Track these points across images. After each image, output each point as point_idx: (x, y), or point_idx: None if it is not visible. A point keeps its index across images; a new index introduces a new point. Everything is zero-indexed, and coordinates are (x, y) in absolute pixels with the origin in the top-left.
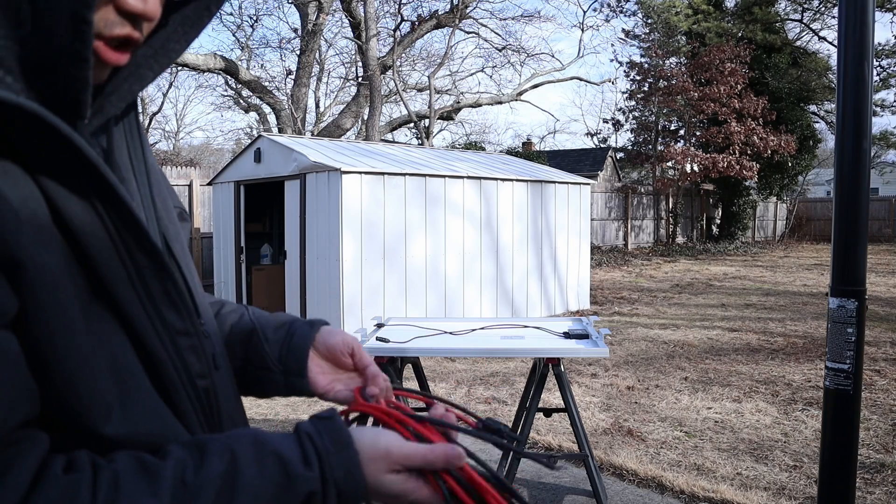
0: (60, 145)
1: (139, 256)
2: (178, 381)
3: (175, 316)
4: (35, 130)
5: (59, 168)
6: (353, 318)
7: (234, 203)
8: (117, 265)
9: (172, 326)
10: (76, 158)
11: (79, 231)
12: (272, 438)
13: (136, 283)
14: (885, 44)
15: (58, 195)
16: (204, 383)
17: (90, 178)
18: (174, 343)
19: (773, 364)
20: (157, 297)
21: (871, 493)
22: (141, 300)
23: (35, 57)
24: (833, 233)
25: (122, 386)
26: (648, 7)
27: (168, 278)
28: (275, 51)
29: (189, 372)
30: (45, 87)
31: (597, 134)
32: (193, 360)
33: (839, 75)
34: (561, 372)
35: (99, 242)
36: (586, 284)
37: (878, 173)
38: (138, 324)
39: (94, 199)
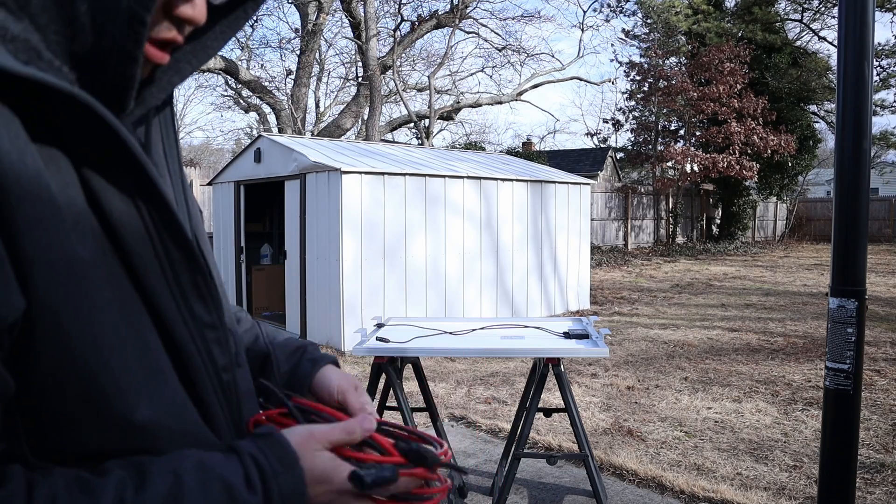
0: (107, 137)
1: (173, 250)
2: (204, 373)
3: (203, 309)
4: (84, 121)
5: (103, 159)
6: (353, 318)
7: (234, 203)
8: (151, 257)
9: (201, 319)
10: (120, 151)
11: (117, 222)
12: (216, 462)
13: (169, 276)
14: (885, 44)
15: (99, 185)
16: (228, 377)
17: (132, 171)
18: (202, 336)
19: (773, 364)
20: (187, 290)
21: (871, 493)
22: (172, 293)
23: (85, 52)
24: (833, 233)
25: (150, 376)
26: (648, 7)
27: (199, 272)
28: (275, 51)
29: (215, 364)
30: (92, 81)
31: (597, 134)
32: (219, 354)
33: (839, 75)
34: (561, 372)
35: (135, 234)
36: (586, 284)
37: (878, 173)
38: (168, 315)
39: (133, 192)
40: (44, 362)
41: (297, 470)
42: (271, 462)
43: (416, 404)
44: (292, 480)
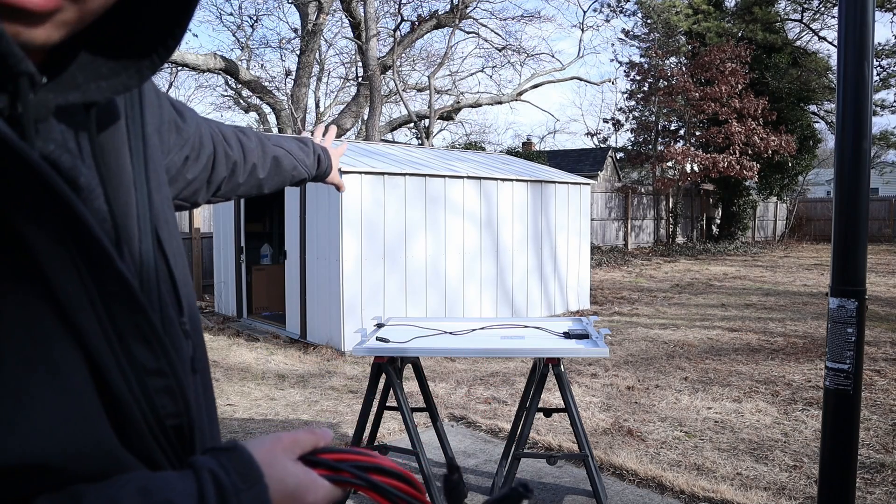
0: (5, 158)
1: (107, 283)
2: (142, 423)
3: (147, 354)
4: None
5: (5, 180)
6: (353, 318)
7: (234, 203)
8: (77, 289)
9: (142, 366)
10: (25, 171)
11: (34, 248)
12: (164, 484)
13: (101, 314)
14: (885, 44)
15: (11, 213)
16: (175, 422)
17: (44, 195)
18: (143, 383)
19: (773, 364)
20: (125, 330)
21: (871, 493)
22: (105, 333)
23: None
24: (833, 233)
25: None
26: (648, 7)
27: (139, 311)
28: (275, 51)
29: (158, 414)
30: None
31: (597, 134)
32: (166, 402)
33: (839, 75)
34: (561, 372)
35: (55, 262)
36: (586, 284)
37: (878, 173)
38: (100, 358)
39: (51, 219)
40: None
41: (260, 486)
42: (232, 478)
43: (416, 404)
44: (255, 498)
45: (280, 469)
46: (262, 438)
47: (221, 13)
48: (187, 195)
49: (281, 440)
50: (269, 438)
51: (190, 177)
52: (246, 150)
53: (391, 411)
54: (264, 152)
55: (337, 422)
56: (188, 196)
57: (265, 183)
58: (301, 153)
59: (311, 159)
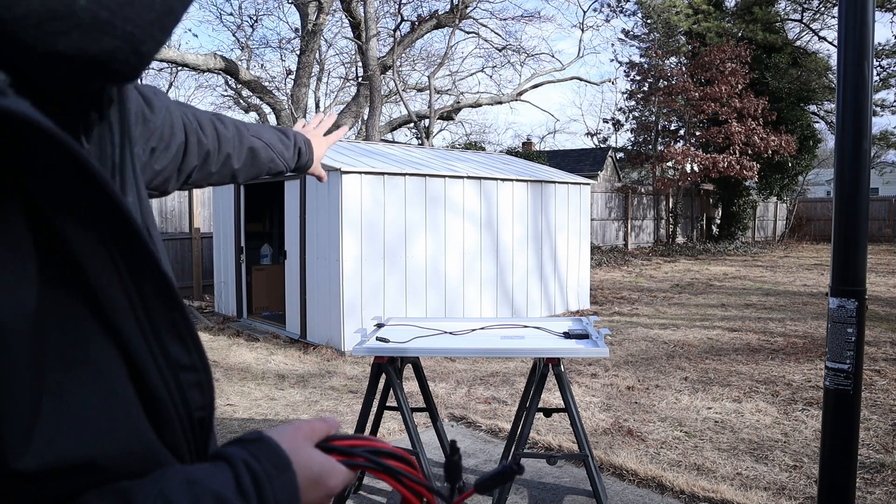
0: (60, 160)
1: (145, 284)
2: (175, 417)
3: (181, 350)
4: (20, 135)
5: (56, 184)
6: (353, 318)
7: (234, 203)
8: (118, 292)
9: (176, 361)
10: (77, 175)
11: (77, 252)
12: (205, 476)
13: (140, 313)
14: (885, 44)
15: (55, 214)
16: (202, 414)
17: (92, 195)
18: (177, 379)
19: (773, 364)
20: (162, 328)
21: (871, 493)
22: (143, 332)
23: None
24: (833, 233)
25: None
26: (648, 7)
27: (176, 309)
28: (275, 51)
29: (189, 407)
30: (74, 80)
31: (597, 134)
32: (196, 396)
33: (839, 75)
34: (561, 372)
35: (99, 266)
36: (586, 284)
37: (878, 173)
38: (139, 357)
39: (96, 219)
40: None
41: (290, 472)
42: (264, 466)
43: (416, 404)
44: (286, 484)
45: (305, 456)
46: (282, 428)
47: (221, 13)
48: (157, 184)
49: (301, 429)
50: (289, 428)
51: (158, 167)
52: (221, 139)
53: (391, 411)
54: (241, 142)
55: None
56: (158, 185)
57: (239, 173)
58: (280, 146)
59: (291, 152)
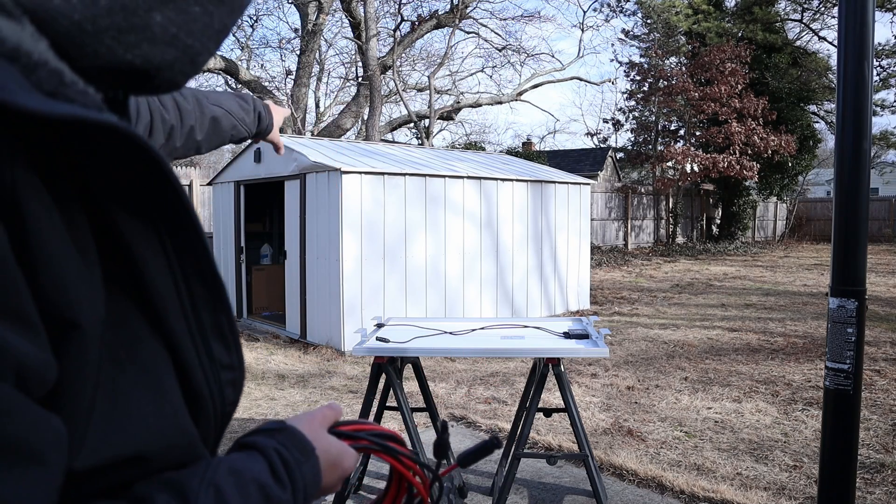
0: (142, 167)
1: (196, 287)
2: (212, 413)
3: (223, 350)
4: (113, 150)
5: (129, 190)
6: (353, 318)
7: (234, 203)
8: (172, 295)
9: (219, 361)
10: (156, 181)
11: (137, 256)
12: (244, 465)
13: (189, 315)
14: (885, 44)
15: (120, 218)
16: (230, 409)
17: (164, 198)
18: (218, 377)
19: (773, 364)
20: (208, 329)
21: (871, 493)
22: (191, 333)
23: (138, 62)
24: (833, 233)
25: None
26: (648, 7)
27: (223, 311)
28: (275, 51)
29: (224, 402)
30: (130, 87)
31: (597, 134)
32: (230, 393)
33: (839, 75)
34: (561, 372)
35: (155, 269)
36: (586, 284)
37: (878, 173)
38: (186, 358)
39: (159, 223)
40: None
41: (314, 457)
42: (293, 453)
43: (416, 404)
44: (312, 468)
45: (323, 441)
46: (299, 417)
47: None
48: None
49: (315, 417)
50: (305, 417)
51: None
52: (183, 112)
53: (391, 411)
54: (202, 113)
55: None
56: None
57: (203, 144)
58: (241, 111)
59: (252, 117)
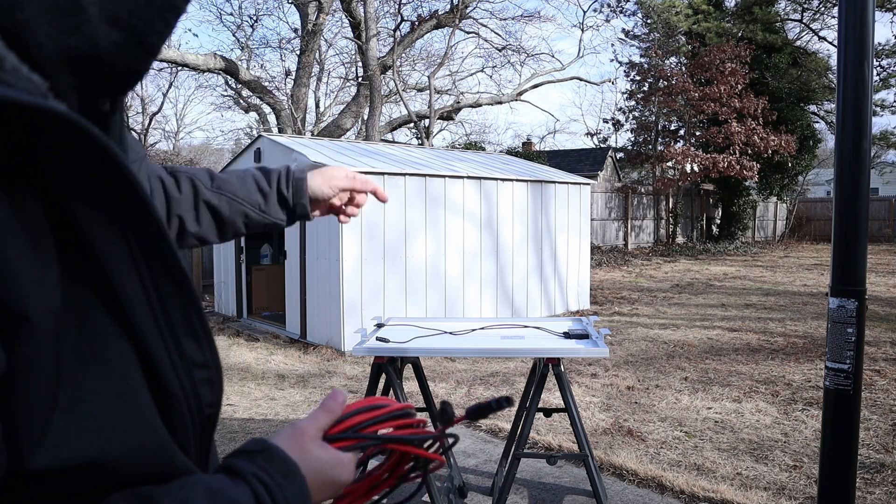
0: (93, 158)
1: (163, 283)
2: (187, 414)
3: (195, 348)
4: (63, 139)
5: (85, 181)
6: (353, 318)
7: None
8: (137, 291)
9: (191, 358)
10: (109, 172)
11: (99, 252)
12: (224, 486)
13: (157, 312)
14: (885, 44)
15: (78, 211)
16: (211, 412)
17: (121, 193)
18: (190, 376)
19: (773, 364)
20: (178, 326)
21: (871, 493)
22: (160, 330)
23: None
24: (833, 233)
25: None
26: (648, 7)
27: (192, 306)
28: (275, 51)
29: (200, 404)
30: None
31: (597, 134)
32: (207, 393)
33: (839, 75)
34: (561, 372)
35: (119, 265)
36: (586, 284)
37: (878, 173)
38: (154, 355)
39: (120, 217)
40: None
41: (299, 479)
42: (275, 478)
43: (416, 404)
44: (297, 491)
45: (312, 459)
46: (285, 433)
47: (221, 13)
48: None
49: (305, 430)
50: (291, 432)
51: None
52: (172, 201)
53: None
54: (196, 200)
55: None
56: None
57: (206, 235)
58: (253, 193)
59: (273, 198)
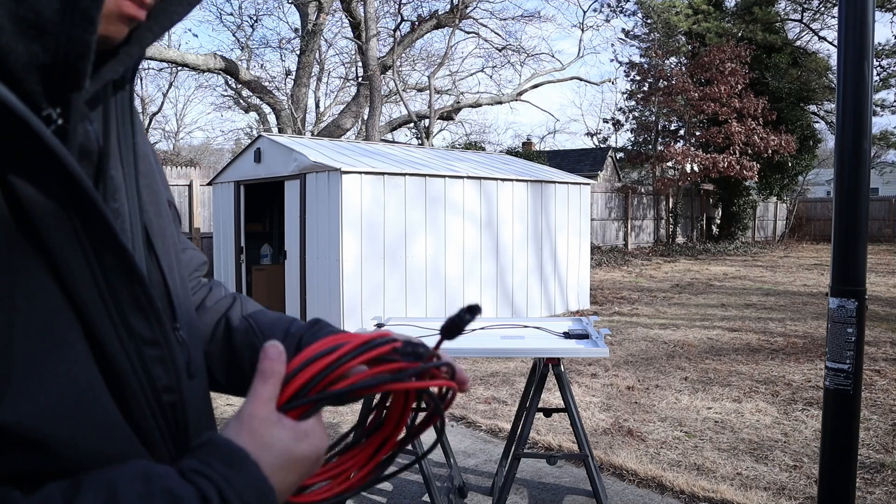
0: (16, 128)
1: (106, 256)
2: (140, 394)
3: (143, 324)
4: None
5: (15, 150)
6: (353, 318)
7: (234, 203)
8: (80, 264)
9: (139, 335)
10: (33, 142)
11: (39, 223)
12: (165, 473)
13: (101, 285)
14: (885, 44)
15: (17, 183)
16: (170, 398)
17: (51, 166)
18: (139, 353)
19: (773, 364)
20: (123, 301)
21: (871, 493)
22: (105, 304)
23: (32, 15)
24: (833, 233)
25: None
26: (648, 7)
27: (137, 282)
28: (275, 51)
29: (154, 385)
30: (42, 50)
31: (597, 134)
32: (160, 374)
33: (839, 75)
34: (561, 372)
35: (60, 237)
36: (586, 284)
37: (878, 173)
38: (100, 330)
39: (57, 191)
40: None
41: (248, 465)
42: (217, 469)
43: None
44: (248, 479)
45: (269, 441)
46: (232, 424)
47: (221, 13)
48: None
49: (253, 415)
50: (237, 421)
51: None
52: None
53: None
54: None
55: (337, 422)
56: None
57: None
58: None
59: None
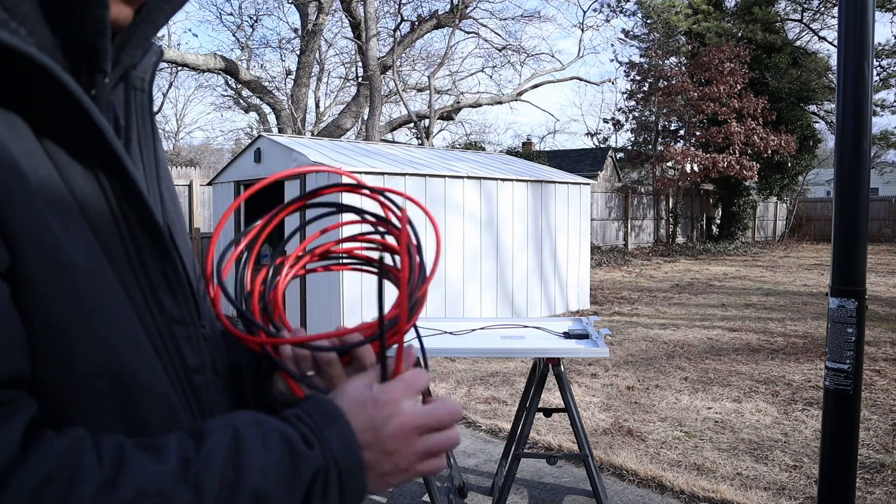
0: (67, 104)
1: (141, 235)
2: (172, 372)
3: (173, 303)
4: (43, 86)
5: (64, 129)
6: (353, 318)
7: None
8: (117, 242)
9: (170, 314)
10: (82, 120)
11: (80, 201)
12: (272, 419)
13: (136, 264)
14: (885, 44)
15: (60, 159)
16: (200, 380)
17: (95, 144)
18: (171, 331)
19: (773, 364)
20: (155, 280)
21: (871, 493)
22: (139, 282)
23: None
24: (833, 233)
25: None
26: (648, 7)
27: (168, 261)
28: (275, 51)
29: (185, 364)
30: (66, 34)
31: (597, 134)
32: (189, 353)
33: (839, 75)
34: (561, 372)
35: (99, 216)
36: (586, 284)
37: (878, 173)
38: (134, 304)
39: (97, 169)
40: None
41: (340, 423)
42: (315, 419)
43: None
44: (340, 431)
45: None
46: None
47: (221, 13)
48: None
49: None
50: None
51: None
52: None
53: None
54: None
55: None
56: None
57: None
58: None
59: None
